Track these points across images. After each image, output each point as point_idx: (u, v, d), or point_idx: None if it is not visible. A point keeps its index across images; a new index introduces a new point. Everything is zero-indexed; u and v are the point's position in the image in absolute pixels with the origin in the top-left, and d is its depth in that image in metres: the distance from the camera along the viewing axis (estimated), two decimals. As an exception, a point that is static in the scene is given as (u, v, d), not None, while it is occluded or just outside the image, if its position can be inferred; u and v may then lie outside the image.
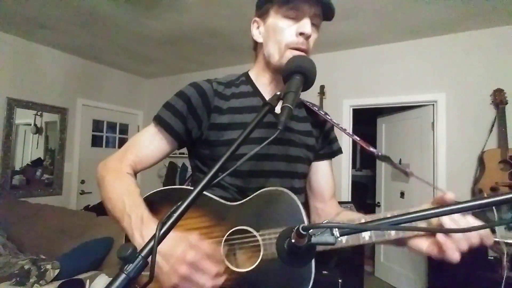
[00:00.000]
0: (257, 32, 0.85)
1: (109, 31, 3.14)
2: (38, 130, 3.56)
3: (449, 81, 2.93)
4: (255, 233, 0.69)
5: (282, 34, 0.78)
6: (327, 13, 0.79)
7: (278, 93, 0.59)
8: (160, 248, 0.55)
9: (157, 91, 4.78)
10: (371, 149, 0.81)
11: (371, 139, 3.36)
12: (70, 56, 3.83)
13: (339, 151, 0.99)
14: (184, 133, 0.79)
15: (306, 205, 0.92)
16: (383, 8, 2.52)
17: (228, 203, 0.74)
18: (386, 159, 0.80)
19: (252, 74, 0.90)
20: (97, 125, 4.26)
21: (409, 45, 3.14)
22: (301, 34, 0.77)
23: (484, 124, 2.72)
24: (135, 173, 0.78)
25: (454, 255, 0.58)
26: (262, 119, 0.54)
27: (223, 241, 0.69)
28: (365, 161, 5.76)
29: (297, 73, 0.62)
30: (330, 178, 0.97)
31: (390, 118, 3.69)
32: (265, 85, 0.87)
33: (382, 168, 3.76)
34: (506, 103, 2.61)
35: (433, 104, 3.04)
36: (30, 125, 3.50)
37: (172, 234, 0.58)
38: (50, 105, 3.63)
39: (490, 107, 2.72)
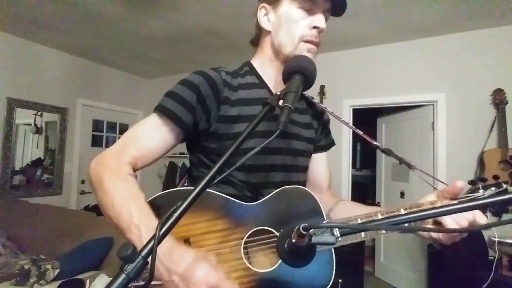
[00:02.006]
0: (266, 19, 0.81)
1: (109, 31, 3.14)
2: (38, 130, 3.56)
3: (449, 81, 2.93)
4: (276, 233, 0.69)
5: (296, 25, 0.77)
6: (339, 9, 0.80)
7: (278, 92, 0.59)
8: (179, 268, 0.54)
9: (157, 91, 4.77)
10: (375, 143, 0.85)
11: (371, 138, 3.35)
12: (70, 56, 3.83)
13: (333, 143, 1.03)
14: (192, 125, 0.74)
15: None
16: (383, 8, 2.52)
17: (245, 203, 0.73)
18: (390, 152, 0.84)
19: (255, 64, 0.86)
20: (97, 125, 4.26)
21: (409, 45, 3.14)
22: (315, 27, 0.77)
23: (484, 124, 2.72)
24: (134, 171, 0.71)
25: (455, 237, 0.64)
26: (262, 119, 0.54)
27: (243, 242, 0.69)
28: (365, 161, 5.76)
29: (297, 73, 0.62)
30: (327, 169, 1.01)
31: (390, 118, 3.69)
32: (271, 76, 0.85)
33: (382, 168, 3.76)
34: (506, 103, 2.61)
35: (433, 104, 3.04)
36: (30, 125, 3.50)
37: (188, 251, 0.57)
38: (50, 105, 3.63)
39: (490, 107, 2.72)
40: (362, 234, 0.68)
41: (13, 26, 3.08)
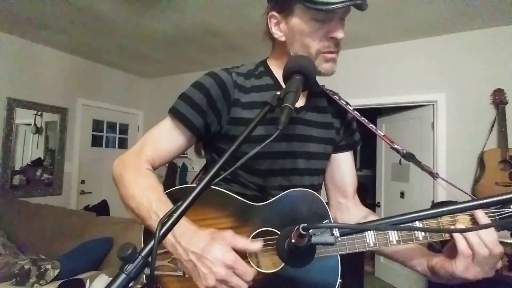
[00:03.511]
0: (278, 31, 0.77)
1: (109, 31, 3.14)
2: (38, 130, 3.56)
3: (449, 81, 2.93)
4: None
5: (311, 38, 0.73)
6: (360, 8, 0.73)
7: (278, 93, 0.58)
8: (196, 248, 0.57)
9: (157, 91, 4.78)
10: (396, 146, 0.81)
11: (371, 139, 3.36)
12: (70, 56, 3.83)
13: (359, 141, 0.96)
14: (203, 127, 0.75)
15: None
16: (383, 8, 2.52)
17: (253, 203, 0.73)
18: (411, 157, 0.78)
19: (271, 65, 0.85)
20: (97, 125, 4.25)
21: (409, 45, 3.14)
22: (332, 37, 0.73)
23: (484, 124, 2.72)
24: (153, 169, 0.75)
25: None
26: (262, 118, 0.54)
27: None
28: (365, 161, 5.76)
29: (297, 73, 0.61)
30: (353, 171, 0.95)
31: (390, 118, 3.69)
32: None
33: (382, 168, 3.76)
34: (506, 103, 2.61)
35: (433, 104, 3.03)
36: (30, 125, 3.50)
37: (205, 232, 0.59)
38: (50, 105, 3.63)
39: (490, 107, 2.72)
40: (371, 243, 0.66)
41: (13, 26, 3.08)
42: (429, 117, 3.10)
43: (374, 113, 3.78)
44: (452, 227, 0.60)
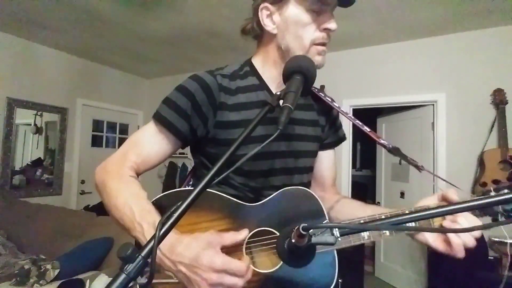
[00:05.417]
0: (270, 23, 0.76)
1: (109, 31, 3.14)
2: (38, 130, 3.56)
3: (449, 81, 2.93)
4: (278, 234, 0.68)
5: (305, 29, 0.73)
6: (348, 2, 0.74)
7: (278, 92, 0.58)
8: (183, 258, 0.56)
9: (157, 91, 4.78)
10: (382, 141, 0.81)
11: (371, 139, 3.35)
12: (70, 56, 3.83)
13: (343, 137, 0.98)
14: (188, 132, 0.74)
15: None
16: (383, 8, 2.52)
17: (247, 204, 0.72)
18: (396, 151, 0.79)
19: (257, 64, 0.84)
20: (97, 125, 4.26)
21: (409, 45, 3.14)
22: (325, 29, 0.74)
23: (484, 124, 2.72)
24: (138, 175, 0.73)
25: (460, 252, 0.61)
26: (262, 119, 0.54)
27: (245, 242, 0.68)
28: (365, 161, 5.76)
29: (297, 73, 0.61)
30: (333, 167, 0.97)
31: (390, 118, 3.69)
32: (274, 77, 0.81)
33: (382, 168, 3.76)
34: (506, 103, 2.61)
35: (433, 104, 3.04)
36: (30, 125, 3.50)
37: (188, 239, 0.58)
38: (50, 105, 3.63)
39: (490, 107, 2.72)
40: (365, 236, 0.65)
41: (13, 26, 3.08)
42: (429, 117, 3.10)
43: (374, 113, 3.78)
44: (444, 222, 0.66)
